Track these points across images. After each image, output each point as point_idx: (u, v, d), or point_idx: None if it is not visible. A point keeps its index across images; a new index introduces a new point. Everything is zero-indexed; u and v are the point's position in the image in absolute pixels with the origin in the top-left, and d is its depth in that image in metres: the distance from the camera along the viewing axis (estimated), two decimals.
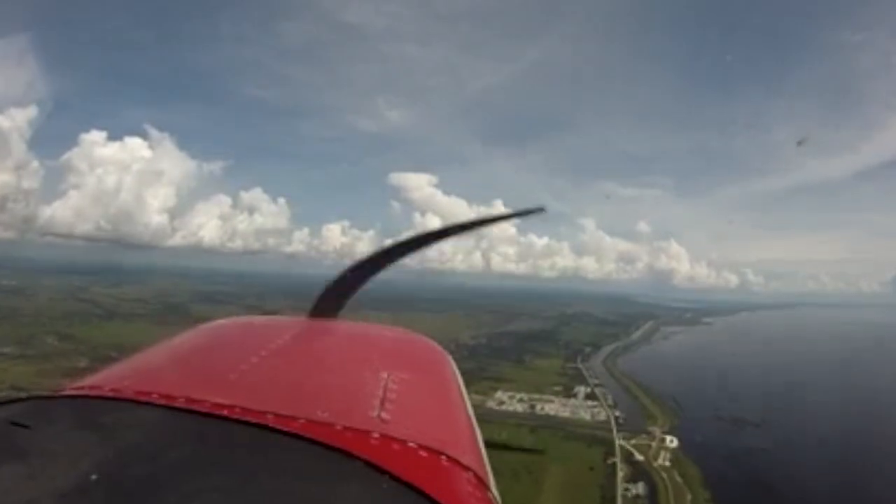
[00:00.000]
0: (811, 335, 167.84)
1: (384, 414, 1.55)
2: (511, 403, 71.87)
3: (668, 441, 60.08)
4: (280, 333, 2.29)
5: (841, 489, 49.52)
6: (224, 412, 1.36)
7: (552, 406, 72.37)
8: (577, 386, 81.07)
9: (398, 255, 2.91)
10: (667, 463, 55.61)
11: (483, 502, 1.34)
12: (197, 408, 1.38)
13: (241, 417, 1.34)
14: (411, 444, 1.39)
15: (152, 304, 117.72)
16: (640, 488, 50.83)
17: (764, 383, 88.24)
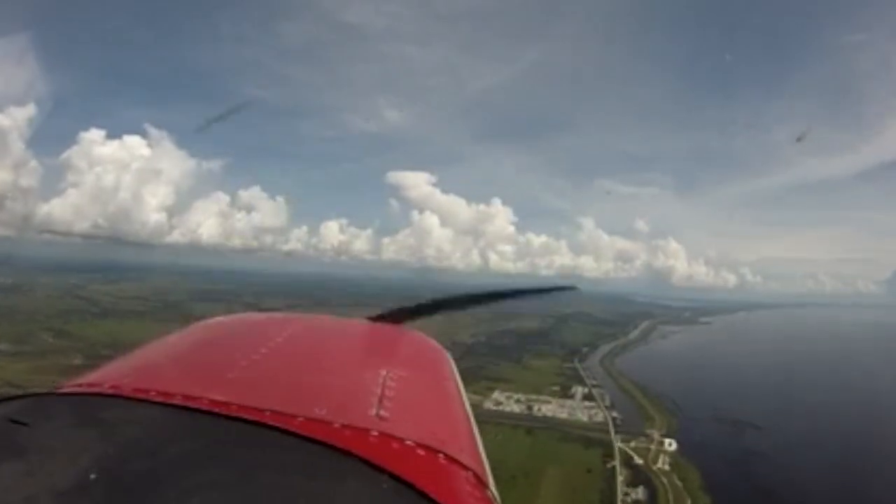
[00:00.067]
0: (810, 335, 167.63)
1: (383, 412, 1.54)
2: (508, 404, 71.50)
3: (668, 444, 59.39)
4: (278, 331, 2.28)
5: (841, 492, 49.25)
6: (222, 409, 1.35)
7: (549, 407, 71.87)
8: (575, 386, 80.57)
9: (463, 305, 3.47)
10: (666, 467, 54.96)
11: (482, 501, 1.32)
12: (195, 405, 1.38)
13: (240, 415, 1.33)
14: (410, 443, 1.37)
15: (150, 302, 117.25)
16: (640, 493, 50.29)
17: (763, 383, 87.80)
